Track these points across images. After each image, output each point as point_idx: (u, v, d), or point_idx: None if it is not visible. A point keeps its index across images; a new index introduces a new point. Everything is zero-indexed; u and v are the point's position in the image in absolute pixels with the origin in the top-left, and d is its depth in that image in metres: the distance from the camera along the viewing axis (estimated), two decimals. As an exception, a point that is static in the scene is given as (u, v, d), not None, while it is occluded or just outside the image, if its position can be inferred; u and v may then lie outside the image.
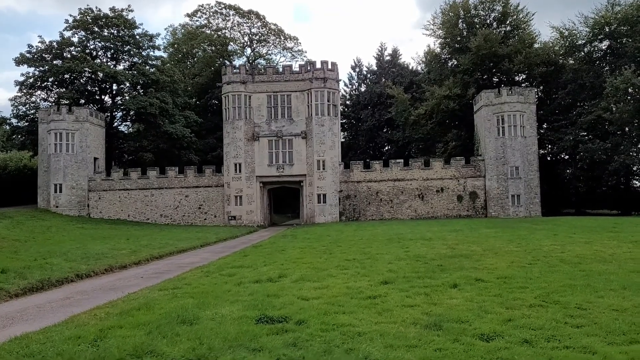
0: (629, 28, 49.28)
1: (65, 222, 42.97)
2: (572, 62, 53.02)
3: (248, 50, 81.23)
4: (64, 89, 57.23)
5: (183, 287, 13.41)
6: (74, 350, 7.27)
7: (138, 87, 60.63)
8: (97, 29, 59.30)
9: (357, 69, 77.88)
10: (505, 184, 47.66)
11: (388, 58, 73.55)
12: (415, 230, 30.25)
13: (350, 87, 77.88)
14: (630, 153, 43.40)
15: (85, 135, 50.77)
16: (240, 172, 48.99)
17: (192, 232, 38.23)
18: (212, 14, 78.72)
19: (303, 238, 29.69)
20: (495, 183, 48.09)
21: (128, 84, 59.85)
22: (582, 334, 7.53)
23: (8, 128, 59.92)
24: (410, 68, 70.91)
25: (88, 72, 56.83)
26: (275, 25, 79.47)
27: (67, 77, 57.78)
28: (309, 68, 49.75)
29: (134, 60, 61.14)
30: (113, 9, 60.14)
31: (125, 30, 60.34)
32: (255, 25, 79.52)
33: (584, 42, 51.76)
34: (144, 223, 48.64)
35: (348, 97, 77.56)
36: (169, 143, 57.95)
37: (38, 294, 14.02)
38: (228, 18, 78.84)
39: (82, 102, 58.24)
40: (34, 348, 7.50)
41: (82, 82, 58.49)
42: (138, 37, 61.62)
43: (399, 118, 60.61)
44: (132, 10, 61.16)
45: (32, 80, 57.34)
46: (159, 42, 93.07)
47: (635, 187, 49.10)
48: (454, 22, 58.60)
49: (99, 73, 56.44)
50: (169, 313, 9.42)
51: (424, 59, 66.46)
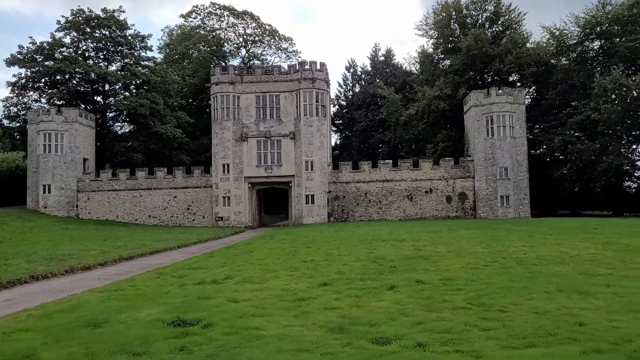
0: (620, 28, 48.90)
1: (51, 222, 42.96)
2: (563, 62, 52.67)
3: (243, 51, 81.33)
4: (55, 90, 57.28)
5: (126, 289, 13.28)
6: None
7: (130, 87, 60.75)
8: (88, 30, 59.35)
9: (351, 70, 77.73)
10: (494, 185, 47.36)
11: (382, 58, 73.30)
12: (395, 232, 30.01)
13: (345, 87, 77.73)
14: (624, 153, 42.84)
15: (75, 136, 50.78)
16: (229, 172, 48.89)
17: (175, 233, 38.13)
18: (206, 15, 78.83)
19: (280, 239, 29.53)
20: (485, 184, 47.80)
21: (119, 85, 59.92)
22: (483, 338, 7.33)
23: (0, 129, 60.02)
24: (405, 68, 70.61)
25: (80, 73, 56.90)
26: (270, 26, 79.55)
27: (59, 78, 57.90)
28: (298, 68, 49.62)
29: (126, 61, 61.19)
30: (105, 10, 60.21)
31: (117, 31, 60.40)
32: (250, 26, 79.56)
33: (575, 42, 51.38)
34: (132, 224, 48.61)
35: (342, 97, 77.47)
36: (160, 144, 57.92)
37: (-19, 295, 13.90)
38: (222, 19, 78.94)
39: (74, 103, 58.36)
40: None
41: (74, 83, 58.60)
42: (130, 37, 61.67)
43: (390, 119, 60.41)
44: (123, 11, 61.23)
45: (24, 81, 57.52)
46: (156, 43, 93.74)
47: (627, 187, 48.62)
48: (446, 22, 58.35)
49: (91, 74, 56.52)
50: (84, 316, 9.29)
51: (418, 59, 66.23)
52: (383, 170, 49.24)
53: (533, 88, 54.56)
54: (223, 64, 55.69)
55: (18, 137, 58.90)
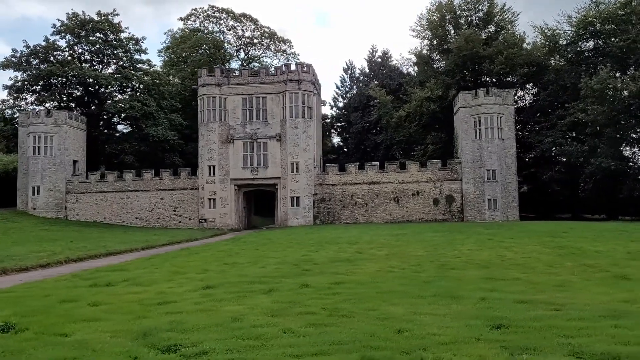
0: (614, 27, 47.70)
1: (34, 224, 43.22)
2: (555, 62, 51.57)
3: (242, 54, 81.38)
4: (48, 92, 57.85)
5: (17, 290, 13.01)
6: None
7: (123, 90, 61.13)
8: (83, 33, 59.86)
9: (349, 72, 77.25)
10: (482, 188, 46.49)
11: (379, 60, 72.68)
12: (360, 234, 29.59)
13: (343, 90, 77.21)
14: (613, 155, 41.54)
15: (64, 138, 51.14)
16: (214, 174, 48.77)
17: (151, 234, 37.98)
18: (205, 18, 79.00)
19: (245, 241, 29.32)
20: (472, 186, 46.95)
21: (112, 88, 60.31)
22: (284, 345, 6.90)
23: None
24: (401, 70, 69.87)
25: (74, 76, 57.33)
26: (268, 28, 79.45)
27: (54, 81, 58.53)
28: (284, 70, 49.37)
29: (120, 64, 61.61)
30: (99, 13, 60.77)
31: (111, 34, 60.86)
32: (249, 29, 79.59)
33: (568, 42, 50.26)
34: (117, 225, 48.72)
35: (340, 99, 77.07)
36: (151, 146, 58.08)
37: None
38: (221, 22, 79.01)
39: (68, 105, 58.94)
40: None
41: (68, 85, 59.18)
42: (124, 40, 62.13)
43: (382, 120, 59.80)
44: (117, 14, 61.81)
45: (19, 84, 58.21)
46: (160, 46, 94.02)
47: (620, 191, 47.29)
48: (439, 23, 57.64)
49: (85, 77, 56.96)
50: None
51: (415, 61, 65.53)
52: (370, 173, 48.68)
53: (525, 89, 53.47)
54: (222, 67, 55.52)
55: (13, 139, 59.52)
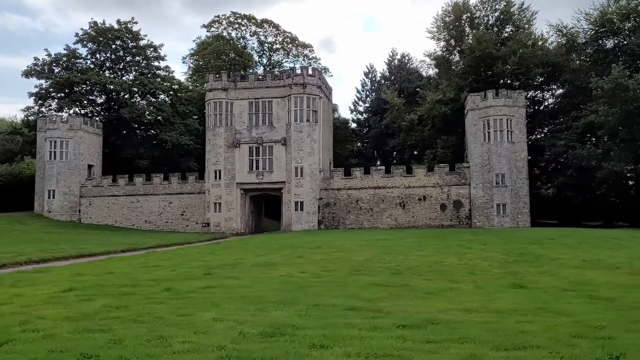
0: (634, 24, 45.20)
1: (42, 226, 44.50)
2: (572, 62, 49.27)
3: (264, 60, 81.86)
4: (69, 99, 59.61)
5: None
6: None
7: (145, 96, 62.42)
8: (104, 41, 61.50)
9: (370, 75, 76.44)
10: (491, 193, 44.83)
11: (398, 63, 71.58)
12: (336, 240, 28.80)
13: (363, 93, 76.45)
14: (627, 158, 39.11)
15: (79, 143, 52.56)
16: (220, 179, 48.98)
17: (148, 237, 38.37)
18: (228, 24, 79.92)
19: (225, 246, 29.11)
20: (481, 191, 45.34)
21: (130, 94, 61.65)
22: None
23: (20, 138, 63.18)
24: (421, 73, 68.58)
25: (94, 83, 58.91)
26: (290, 33, 79.68)
27: (76, 88, 60.33)
28: (290, 74, 49.18)
29: (140, 70, 62.95)
30: (119, 22, 62.31)
31: (130, 42, 62.33)
32: (271, 34, 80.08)
33: (587, 40, 47.98)
34: (127, 229, 49.54)
35: (360, 103, 76.34)
36: (167, 151, 58.97)
37: None
38: (243, 28, 79.81)
39: (92, 111, 60.76)
40: None
41: (89, 92, 60.92)
42: (143, 47, 63.47)
43: (394, 124, 58.72)
44: (136, 22, 63.23)
45: (43, 92, 60.29)
46: (186, 52, 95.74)
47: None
48: (454, 23, 56.23)
49: (104, 84, 58.49)
50: None
51: (434, 63, 64.16)
52: (375, 177, 47.79)
53: (543, 90, 51.32)
54: (229, 71, 55.96)
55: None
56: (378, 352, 6.21)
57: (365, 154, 71.11)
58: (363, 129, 74.39)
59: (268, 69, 78.92)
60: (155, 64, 64.88)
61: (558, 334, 7.11)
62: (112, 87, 59.14)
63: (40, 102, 61.36)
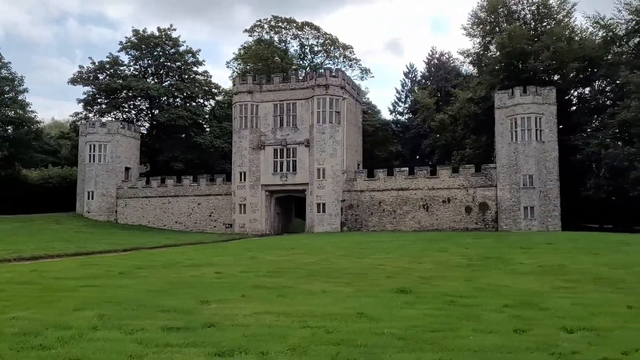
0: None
1: (77, 226, 46.66)
2: (616, 56, 46.11)
3: (306, 62, 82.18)
4: (113, 105, 62.39)
5: None
6: None
7: (186, 100, 64.40)
8: (146, 48, 63.95)
9: (410, 75, 75.05)
10: (518, 195, 42.75)
11: (436, 62, 69.82)
12: (329, 244, 28.45)
13: (403, 94, 75.13)
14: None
15: (116, 147, 54.84)
16: (245, 180, 49.59)
17: (165, 237, 39.47)
18: (269, 29, 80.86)
19: (225, 247, 29.48)
20: (508, 193, 43.34)
21: (170, 99, 63.71)
22: None
23: (70, 143, 66.74)
24: (460, 71, 66.54)
25: (136, 88, 61.33)
26: (330, 35, 79.53)
27: (120, 94, 63.11)
28: (313, 75, 49.10)
29: (179, 75, 65.00)
30: (159, 29, 64.65)
31: (170, 48, 64.46)
32: (312, 37, 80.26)
33: (628, 31, 44.77)
34: (159, 229, 51.14)
35: (400, 104, 75.10)
36: (199, 153, 60.47)
37: None
38: (284, 31, 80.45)
39: (137, 116, 63.50)
40: None
41: (131, 97, 63.57)
42: (183, 54, 65.45)
43: (424, 124, 57.24)
44: (174, 29, 65.13)
45: (90, 98, 63.49)
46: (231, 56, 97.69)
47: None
48: (490, 19, 54.18)
49: (146, 89, 60.77)
50: None
51: (465, 61, 62.20)
52: (398, 179, 46.78)
53: (577, 87, 48.37)
54: (255, 74, 56.62)
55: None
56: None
57: (404, 156, 69.81)
58: (403, 130, 73.10)
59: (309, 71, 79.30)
60: (195, 69, 66.81)
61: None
62: (152, 92, 61.34)
63: (88, 107, 64.63)
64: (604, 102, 44.76)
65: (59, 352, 6.24)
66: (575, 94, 48.49)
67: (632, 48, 45.28)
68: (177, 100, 65.33)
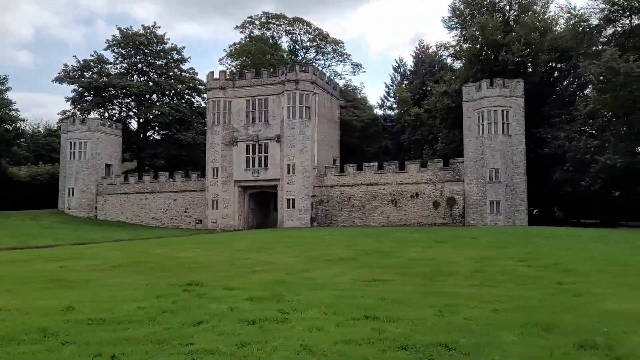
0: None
1: (52, 222, 47.47)
2: (588, 47, 45.03)
3: (298, 58, 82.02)
4: (98, 102, 63.14)
5: None
6: None
7: (171, 98, 64.89)
8: (131, 46, 64.54)
9: (400, 69, 74.42)
10: (484, 189, 42.17)
11: (422, 56, 69.05)
12: (272, 239, 28.45)
13: (392, 88, 74.46)
14: (623, 150, 35.04)
15: (96, 144, 55.53)
16: (217, 176, 49.79)
17: (129, 232, 39.99)
18: (260, 25, 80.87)
19: (171, 242, 29.72)
20: (475, 188, 42.80)
21: (154, 96, 64.28)
22: None
23: (57, 140, 67.76)
24: (445, 64, 65.68)
25: (121, 86, 62.00)
26: (321, 30, 79.23)
27: (104, 92, 63.83)
28: (284, 71, 49.01)
29: (165, 72, 65.47)
30: (144, 27, 65.18)
31: (155, 46, 64.98)
32: (303, 32, 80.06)
33: (601, 21, 43.67)
34: (136, 225, 51.69)
35: (390, 98, 74.48)
36: (185, 149, 60.89)
37: None
38: (274, 27, 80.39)
39: (113, 114, 64.03)
40: None
41: (116, 95, 64.25)
42: (168, 51, 65.93)
43: (399, 119, 56.73)
44: (159, 27, 65.62)
45: (76, 96, 64.38)
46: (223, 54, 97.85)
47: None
48: (467, 11, 53.39)
49: (131, 87, 61.40)
50: None
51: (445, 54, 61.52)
52: (368, 174, 46.51)
53: (546, 79, 47.35)
54: (227, 70, 56.67)
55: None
56: None
57: (392, 151, 69.29)
58: (392, 125, 72.52)
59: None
60: (181, 66, 67.23)
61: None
62: (136, 89, 61.92)
63: (77, 105, 65.54)
64: (574, 93, 43.71)
65: None
66: (547, 86, 47.40)
67: (605, 37, 44.13)
68: (164, 98, 65.94)
